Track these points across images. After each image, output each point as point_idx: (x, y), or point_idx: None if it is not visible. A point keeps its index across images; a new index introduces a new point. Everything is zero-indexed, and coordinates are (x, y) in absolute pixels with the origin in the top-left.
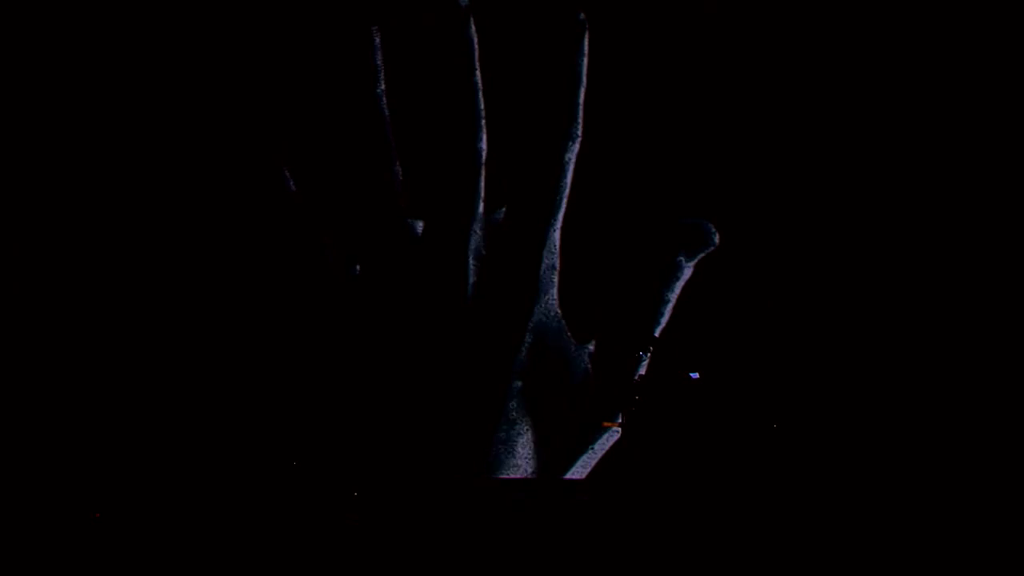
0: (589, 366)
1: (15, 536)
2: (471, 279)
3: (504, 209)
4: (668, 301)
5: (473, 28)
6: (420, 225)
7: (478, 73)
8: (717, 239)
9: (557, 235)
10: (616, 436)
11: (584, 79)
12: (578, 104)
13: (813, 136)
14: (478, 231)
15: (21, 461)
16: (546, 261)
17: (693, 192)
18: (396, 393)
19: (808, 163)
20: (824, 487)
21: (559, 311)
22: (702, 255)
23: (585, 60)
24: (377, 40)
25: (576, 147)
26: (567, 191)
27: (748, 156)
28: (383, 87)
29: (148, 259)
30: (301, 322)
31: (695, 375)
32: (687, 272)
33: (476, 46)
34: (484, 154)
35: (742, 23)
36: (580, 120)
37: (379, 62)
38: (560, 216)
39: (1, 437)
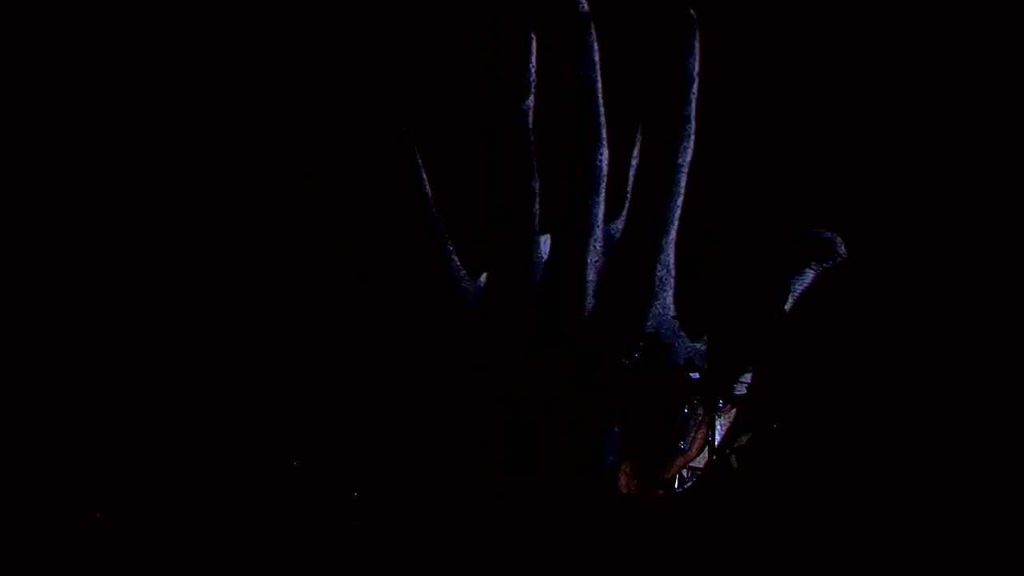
0: (704, 364)
1: (15, 536)
2: (589, 296)
3: (622, 220)
4: (788, 302)
5: (594, 34)
6: (546, 240)
7: (599, 83)
8: (844, 251)
9: (672, 243)
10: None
11: (695, 80)
12: (690, 107)
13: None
14: (597, 246)
15: (21, 461)
16: (661, 269)
17: (810, 199)
18: (512, 406)
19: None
20: (826, 487)
21: (674, 313)
22: (828, 266)
23: (696, 60)
24: (530, 49)
25: (688, 152)
26: (680, 198)
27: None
28: (531, 101)
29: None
30: (413, 326)
31: (695, 375)
32: (809, 279)
33: (597, 54)
34: (604, 168)
35: (874, 20)
36: (692, 123)
37: (531, 75)
38: (674, 223)
39: (1, 437)
